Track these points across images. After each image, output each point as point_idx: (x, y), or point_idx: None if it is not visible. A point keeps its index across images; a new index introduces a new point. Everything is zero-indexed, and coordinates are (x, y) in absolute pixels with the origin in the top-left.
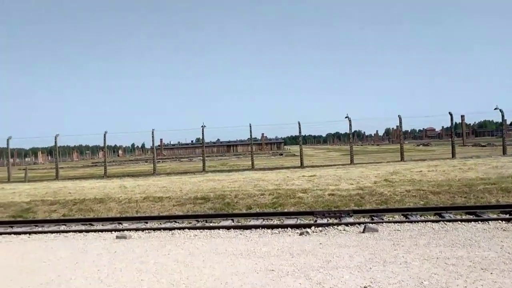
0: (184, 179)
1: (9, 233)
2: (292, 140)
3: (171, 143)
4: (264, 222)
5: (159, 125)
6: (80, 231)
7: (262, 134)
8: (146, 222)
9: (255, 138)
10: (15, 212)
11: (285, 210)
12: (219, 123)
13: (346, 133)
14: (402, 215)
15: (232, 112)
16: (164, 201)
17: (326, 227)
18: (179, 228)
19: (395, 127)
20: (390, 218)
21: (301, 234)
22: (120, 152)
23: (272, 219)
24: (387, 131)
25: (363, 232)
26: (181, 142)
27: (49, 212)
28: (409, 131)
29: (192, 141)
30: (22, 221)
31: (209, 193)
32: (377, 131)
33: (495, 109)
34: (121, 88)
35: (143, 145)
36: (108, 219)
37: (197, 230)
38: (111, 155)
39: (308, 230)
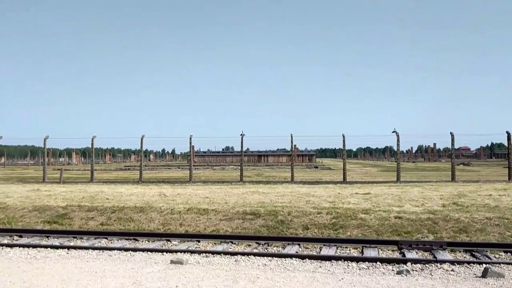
0: (225, 189)
1: (46, 247)
2: (321, 152)
3: (201, 150)
4: (341, 252)
5: (189, 132)
6: (126, 249)
7: (295, 145)
8: (199, 241)
9: (284, 149)
10: (50, 217)
11: (363, 238)
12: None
13: (377, 148)
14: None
15: (258, 122)
16: (210, 214)
17: (426, 265)
18: (243, 254)
19: (429, 145)
20: (500, 256)
21: (398, 273)
22: (151, 156)
23: (347, 247)
24: (420, 148)
25: (483, 276)
26: (210, 149)
27: (86, 219)
28: (441, 149)
29: (222, 149)
30: (60, 231)
31: (259, 208)
32: (411, 147)
33: None
34: (154, 94)
35: (173, 151)
36: (155, 234)
37: (266, 258)
38: (143, 159)
39: (406, 267)
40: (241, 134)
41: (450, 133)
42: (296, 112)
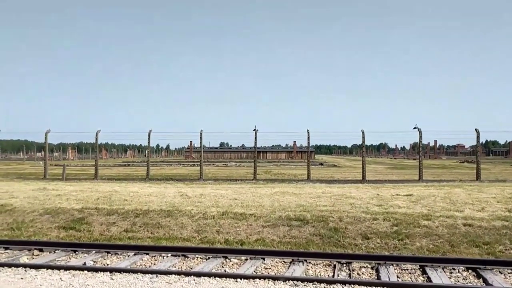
0: (247, 189)
1: (81, 269)
2: (316, 149)
3: (195, 145)
4: (456, 278)
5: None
6: (186, 274)
7: (294, 142)
8: (263, 259)
9: (279, 145)
10: (65, 222)
11: (475, 258)
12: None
13: (372, 144)
14: None
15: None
16: (249, 219)
17: None
18: (350, 283)
19: (423, 142)
20: None
21: None
22: (147, 152)
23: (454, 268)
24: (415, 145)
25: None
26: (204, 145)
27: (107, 225)
28: (437, 146)
29: (221, 144)
30: (87, 244)
31: (303, 212)
32: (410, 144)
33: None
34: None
35: (167, 146)
36: (207, 250)
37: None
38: (137, 155)
39: None
40: (254, 130)
41: (476, 129)
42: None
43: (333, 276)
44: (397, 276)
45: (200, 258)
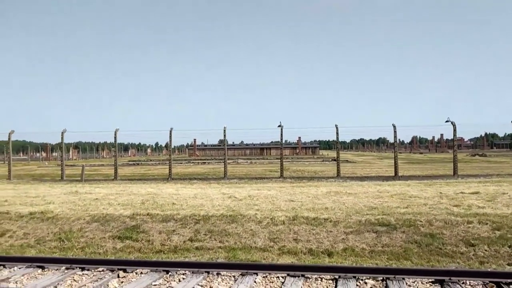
0: (293, 189)
1: None
2: (324, 144)
3: (189, 143)
4: None
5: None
6: None
7: (299, 137)
8: (402, 279)
9: (277, 141)
10: (118, 231)
11: None
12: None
13: (370, 139)
14: None
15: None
16: (326, 225)
17: None
18: None
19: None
20: None
21: None
22: (149, 150)
23: None
24: (417, 139)
25: None
26: (203, 143)
27: (167, 233)
28: (435, 139)
29: (220, 141)
30: (182, 263)
31: (382, 215)
32: (414, 137)
33: None
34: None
35: (166, 145)
36: (321, 268)
37: None
38: (138, 154)
39: None
40: (279, 126)
41: None
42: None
43: None
44: None
45: (325, 279)
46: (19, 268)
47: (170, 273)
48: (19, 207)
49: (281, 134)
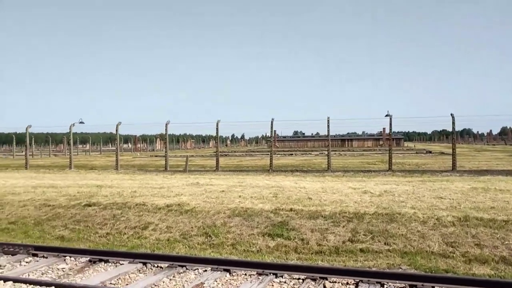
0: (424, 184)
1: None
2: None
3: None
4: None
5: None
6: None
7: (384, 128)
8: None
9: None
10: (266, 227)
11: None
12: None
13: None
14: None
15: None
16: (510, 228)
17: None
18: None
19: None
20: None
21: None
22: (228, 142)
23: None
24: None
25: None
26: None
27: (320, 231)
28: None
29: (294, 132)
30: (395, 275)
31: None
32: (490, 130)
33: None
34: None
35: (242, 136)
36: None
37: None
38: (172, 145)
39: None
40: (388, 115)
41: None
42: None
43: None
44: None
45: None
46: (204, 271)
47: (385, 286)
48: (153, 199)
49: (390, 124)
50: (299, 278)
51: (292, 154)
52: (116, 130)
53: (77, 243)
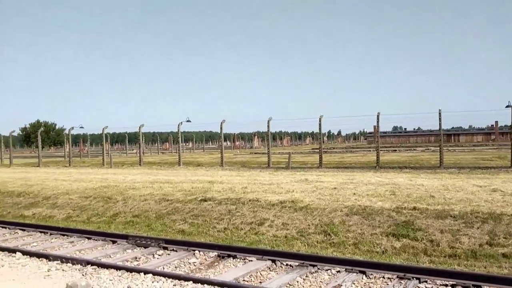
0: None
1: None
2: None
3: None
4: None
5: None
6: None
7: (496, 122)
8: None
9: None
10: (389, 227)
11: None
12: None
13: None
14: None
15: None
16: None
17: None
18: None
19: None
20: None
21: None
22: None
23: None
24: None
25: None
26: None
27: (451, 233)
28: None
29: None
30: None
31: None
32: None
33: None
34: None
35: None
36: None
37: None
38: (269, 143)
39: None
40: (508, 105)
41: None
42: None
43: None
44: None
45: None
46: (338, 272)
47: None
48: (266, 195)
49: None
50: (446, 285)
51: (395, 150)
52: (221, 128)
53: (197, 237)
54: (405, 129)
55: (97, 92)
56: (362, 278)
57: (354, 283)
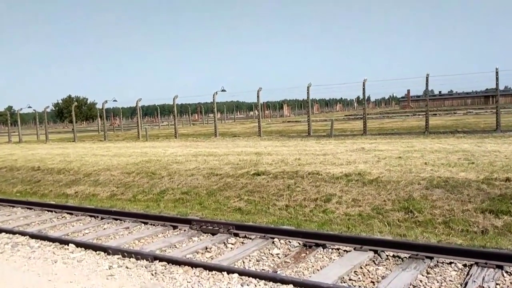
0: None
1: None
2: None
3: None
4: None
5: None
6: None
7: None
8: None
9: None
10: (482, 202)
11: None
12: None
13: None
14: None
15: None
16: None
17: None
18: None
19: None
20: None
21: None
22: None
23: None
24: None
25: None
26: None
27: None
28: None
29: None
30: None
31: None
32: None
33: None
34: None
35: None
36: None
37: None
38: (298, 110)
39: None
40: None
41: None
42: None
43: None
44: None
45: None
46: (465, 266)
47: None
48: (326, 167)
49: None
50: None
51: (435, 114)
52: (258, 96)
53: (257, 216)
54: (439, 92)
55: (130, 67)
56: (503, 276)
57: (498, 284)
